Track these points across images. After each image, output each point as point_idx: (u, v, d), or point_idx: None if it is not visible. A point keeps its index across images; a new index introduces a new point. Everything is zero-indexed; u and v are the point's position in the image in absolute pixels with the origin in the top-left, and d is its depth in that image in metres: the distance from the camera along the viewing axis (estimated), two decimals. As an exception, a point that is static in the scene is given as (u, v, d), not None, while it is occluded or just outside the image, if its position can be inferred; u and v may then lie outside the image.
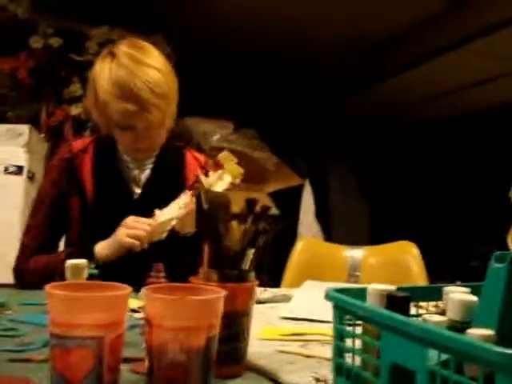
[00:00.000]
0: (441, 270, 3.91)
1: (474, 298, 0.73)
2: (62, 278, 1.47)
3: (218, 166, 1.61)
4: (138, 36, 3.49)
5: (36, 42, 3.27)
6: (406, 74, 4.40)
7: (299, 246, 2.42)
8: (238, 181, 1.57)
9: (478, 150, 5.51)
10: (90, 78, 1.61)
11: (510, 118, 4.93)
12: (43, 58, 3.29)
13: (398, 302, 0.72)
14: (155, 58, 1.60)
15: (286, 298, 1.52)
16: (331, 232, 4.97)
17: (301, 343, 1.06)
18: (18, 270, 1.66)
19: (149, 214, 1.56)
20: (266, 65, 4.68)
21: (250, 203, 0.90)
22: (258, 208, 0.91)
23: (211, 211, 0.87)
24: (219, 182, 1.52)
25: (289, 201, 4.34)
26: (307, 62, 4.68)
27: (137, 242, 1.51)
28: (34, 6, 3.31)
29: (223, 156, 1.59)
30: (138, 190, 1.70)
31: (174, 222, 1.53)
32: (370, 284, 0.77)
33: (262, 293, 1.56)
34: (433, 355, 0.62)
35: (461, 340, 0.57)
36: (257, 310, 1.37)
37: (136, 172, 1.71)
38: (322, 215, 4.76)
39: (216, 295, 0.75)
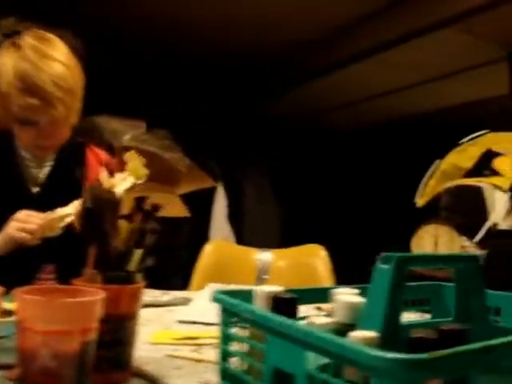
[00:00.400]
0: (351, 274, 3.98)
1: (361, 300, 0.72)
2: None
3: (123, 164, 1.56)
4: (45, 28, 3.38)
5: None
6: (321, 79, 4.46)
7: (208, 248, 2.39)
8: (141, 181, 1.53)
9: (389, 156, 5.66)
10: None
11: (421, 126, 5.09)
12: None
13: (283, 303, 0.70)
14: (61, 51, 1.53)
15: (186, 301, 1.49)
16: (243, 235, 4.97)
17: (193, 347, 1.03)
18: None
19: (46, 211, 1.49)
20: (181, 65, 4.63)
21: (139, 201, 0.86)
22: (147, 206, 0.87)
23: (96, 209, 0.83)
24: (122, 182, 1.48)
25: (201, 203, 4.30)
26: (223, 63, 4.66)
27: (28, 236, 1.43)
28: None
29: (129, 155, 1.55)
30: (35, 189, 1.63)
31: (69, 219, 1.47)
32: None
33: (161, 296, 1.52)
34: (314, 359, 0.60)
35: (338, 343, 0.55)
36: (155, 313, 1.34)
37: (35, 170, 1.63)
38: (234, 218, 4.75)
39: (91, 298, 0.71)
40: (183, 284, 2.54)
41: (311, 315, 0.81)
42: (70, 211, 1.48)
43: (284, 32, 4.12)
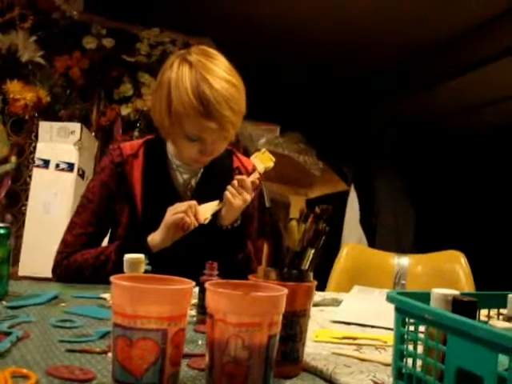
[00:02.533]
0: (490, 282, 3.84)
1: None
2: (111, 269, 1.48)
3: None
4: (187, 37, 3.54)
5: (90, 43, 3.33)
6: (456, 79, 4.33)
7: (345, 251, 2.40)
8: (270, 166, 1.61)
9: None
10: (164, 84, 1.56)
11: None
12: (96, 58, 3.34)
13: (465, 306, 0.70)
14: (227, 68, 1.57)
15: (336, 302, 1.51)
16: (375, 239, 4.93)
17: (354, 347, 1.05)
18: (61, 266, 1.62)
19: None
20: (313, 68, 4.68)
21: (312, 204, 0.89)
22: (317, 209, 0.90)
23: (273, 209, 0.87)
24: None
25: (334, 206, 4.32)
26: (355, 67, 4.66)
27: (189, 219, 1.50)
28: (87, 6, 3.37)
29: (255, 154, 1.62)
30: (188, 196, 1.68)
31: (217, 206, 1.56)
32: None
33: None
34: (502, 360, 0.61)
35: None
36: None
37: (186, 177, 1.70)
38: (367, 221, 4.73)
39: (280, 292, 0.75)
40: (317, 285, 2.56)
41: (483, 321, 0.82)
42: (216, 202, 1.58)
43: (412, 33, 4.05)
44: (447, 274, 2.31)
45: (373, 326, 1.24)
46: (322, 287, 2.28)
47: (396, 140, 5.42)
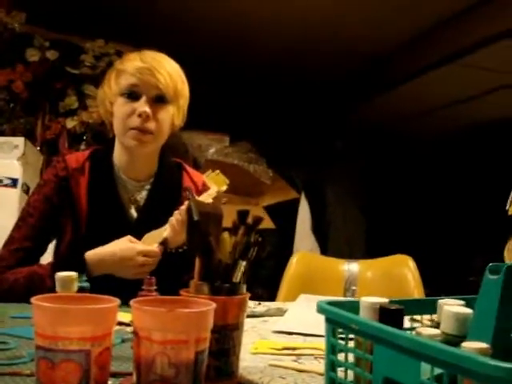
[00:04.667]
0: (438, 285, 3.89)
1: (469, 311, 0.71)
2: (45, 289, 1.45)
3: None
4: (132, 48, 3.51)
5: (32, 55, 3.26)
6: (401, 87, 4.40)
7: (295, 259, 2.41)
8: (223, 189, 1.58)
9: (476, 163, 5.52)
10: (109, 72, 1.66)
11: (507, 132, 4.94)
12: (39, 71, 3.27)
13: (391, 314, 0.70)
14: (179, 69, 1.66)
15: (280, 312, 1.51)
16: (327, 246, 4.96)
17: (293, 357, 1.04)
18: None
19: (144, 235, 1.55)
20: (261, 77, 4.68)
21: (242, 214, 0.89)
22: (249, 220, 0.89)
23: (202, 223, 0.86)
24: (207, 195, 1.54)
25: (285, 214, 4.33)
26: (303, 74, 4.68)
27: (146, 273, 1.46)
28: (30, 18, 3.31)
29: (207, 173, 1.60)
30: (134, 212, 1.65)
31: (165, 233, 1.53)
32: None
33: (255, 306, 1.54)
34: (426, 369, 0.60)
35: (455, 353, 0.56)
36: (250, 324, 1.36)
37: (133, 193, 1.66)
38: (319, 229, 4.75)
39: (205, 308, 0.73)
40: (268, 295, 2.56)
41: (416, 327, 0.82)
42: (166, 226, 1.54)
43: (364, 40, 4.10)
44: (396, 277, 2.34)
45: (314, 335, 1.23)
46: (273, 297, 2.28)
47: (345, 147, 5.47)
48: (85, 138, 3.33)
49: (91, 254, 1.52)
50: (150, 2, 3.63)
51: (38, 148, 3.28)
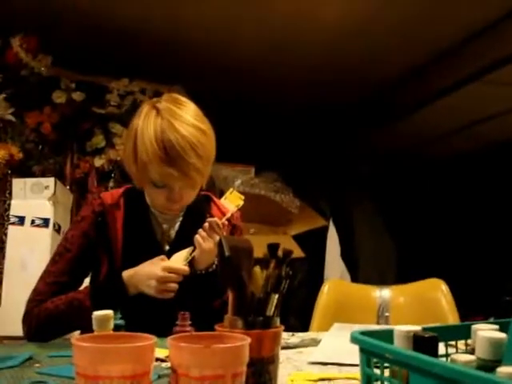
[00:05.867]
0: (472, 306, 3.84)
1: (503, 335, 0.71)
2: (85, 311, 1.47)
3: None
4: (157, 86, 3.59)
5: (59, 97, 3.35)
6: (425, 108, 4.39)
7: (326, 288, 2.39)
8: (240, 203, 1.61)
9: (507, 182, 5.45)
10: (131, 132, 1.56)
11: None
12: (66, 112, 3.36)
13: (425, 342, 0.71)
14: (200, 117, 1.57)
15: (315, 342, 1.50)
16: (358, 272, 4.93)
17: (330, 388, 1.04)
18: (31, 314, 1.59)
19: None
20: (284, 107, 4.73)
21: (272, 248, 0.90)
22: (280, 252, 0.91)
23: (233, 258, 0.87)
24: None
25: (314, 243, 4.32)
26: (325, 102, 4.71)
27: (170, 295, 1.51)
28: (55, 61, 3.40)
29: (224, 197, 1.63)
30: (167, 246, 1.68)
31: (189, 254, 1.56)
32: (400, 324, 0.76)
33: (289, 337, 1.54)
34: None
35: (490, 380, 0.56)
36: (285, 356, 1.36)
37: (166, 227, 1.69)
38: (348, 255, 4.73)
39: (241, 343, 0.75)
40: (301, 324, 2.55)
41: (451, 353, 0.82)
42: (189, 249, 1.57)
43: (387, 62, 4.12)
44: (429, 302, 2.31)
45: (350, 365, 1.23)
46: (306, 327, 2.27)
47: (370, 172, 5.46)
48: (113, 175, 3.39)
49: (127, 271, 1.56)
50: (172, 42, 3.70)
51: (68, 187, 3.34)
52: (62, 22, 3.41)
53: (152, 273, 1.52)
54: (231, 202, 1.62)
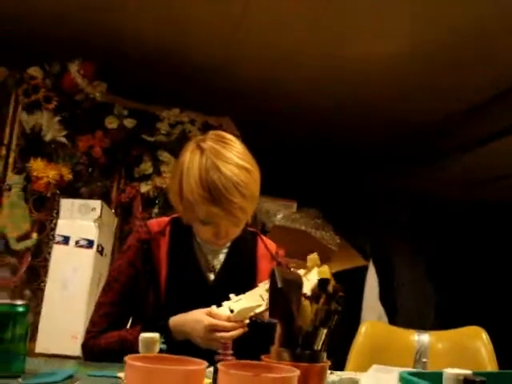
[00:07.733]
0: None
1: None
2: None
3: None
4: (206, 117, 3.64)
5: (111, 123, 3.42)
6: (467, 153, 4.35)
7: (364, 328, 2.37)
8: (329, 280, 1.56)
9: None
10: (177, 170, 1.59)
11: None
12: (117, 138, 3.43)
13: (476, 387, 0.70)
14: (245, 156, 1.58)
15: (353, 382, 1.49)
16: (396, 316, 4.86)
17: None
18: (87, 346, 1.64)
19: (221, 301, 1.54)
20: (326, 146, 4.74)
21: (323, 283, 0.91)
22: (330, 288, 0.92)
23: (285, 290, 0.88)
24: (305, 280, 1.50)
25: (352, 282, 4.29)
26: (373, 141, 4.71)
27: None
28: (110, 88, 3.49)
29: (311, 258, 1.55)
30: (211, 277, 1.69)
31: (258, 310, 1.48)
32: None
33: (328, 376, 1.53)
34: None
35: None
36: (324, 393, 1.35)
37: (210, 257, 1.70)
38: (387, 298, 4.67)
39: (291, 374, 0.75)
40: (335, 363, 2.52)
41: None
42: (259, 303, 1.49)
43: (427, 109, 4.11)
44: (469, 350, 2.27)
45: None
46: (341, 366, 2.25)
47: (410, 216, 5.42)
48: (157, 202, 3.44)
49: (173, 321, 1.56)
50: (225, 78, 3.76)
51: (113, 210, 3.40)
52: (121, 50, 3.49)
53: (196, 330, 1.50)
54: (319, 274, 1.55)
